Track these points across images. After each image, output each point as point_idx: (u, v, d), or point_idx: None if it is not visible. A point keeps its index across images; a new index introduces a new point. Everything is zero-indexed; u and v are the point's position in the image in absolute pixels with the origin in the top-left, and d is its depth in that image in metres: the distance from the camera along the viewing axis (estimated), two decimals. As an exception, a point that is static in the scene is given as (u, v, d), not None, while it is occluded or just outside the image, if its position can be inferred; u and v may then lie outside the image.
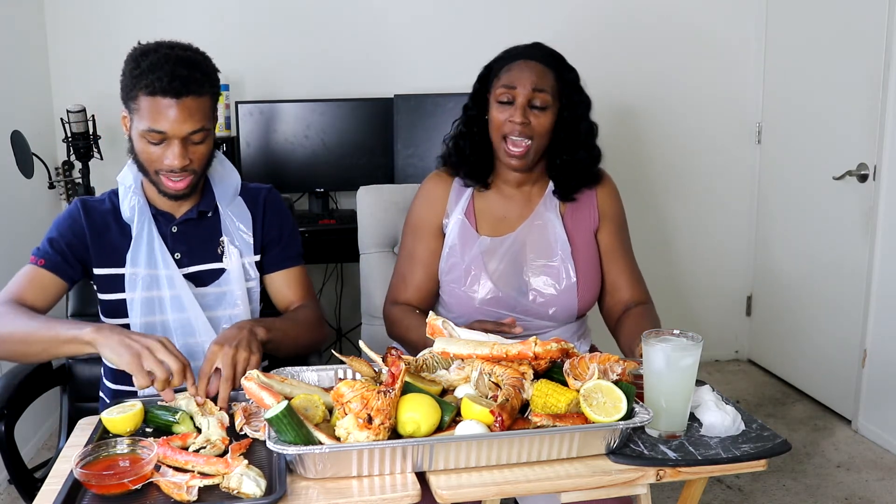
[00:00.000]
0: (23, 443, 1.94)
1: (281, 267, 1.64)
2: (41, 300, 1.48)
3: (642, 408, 1.22)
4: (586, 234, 1.72)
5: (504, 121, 1.61)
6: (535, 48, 1.67)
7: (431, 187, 1.76)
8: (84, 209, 1.54)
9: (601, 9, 3.32)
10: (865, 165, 2.83)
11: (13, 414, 1.54)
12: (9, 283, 1.48)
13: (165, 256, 1.53)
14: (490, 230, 1.71)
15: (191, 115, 1.41)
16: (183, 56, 1.43)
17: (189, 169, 1.46)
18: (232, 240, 1.59)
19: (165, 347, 1.28)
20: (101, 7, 3.01)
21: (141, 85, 1.40)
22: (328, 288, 3.29)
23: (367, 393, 1.12)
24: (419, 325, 1.55)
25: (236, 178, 1.63)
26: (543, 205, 1.71)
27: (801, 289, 3.27)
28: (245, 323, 1.43)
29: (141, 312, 1.52)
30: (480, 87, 1.70)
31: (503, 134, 1.62)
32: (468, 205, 1.72)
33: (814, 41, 3.12)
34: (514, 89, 1.60)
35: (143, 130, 1.42)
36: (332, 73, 3.18)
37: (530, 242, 1.69)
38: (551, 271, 1.67)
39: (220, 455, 1.16)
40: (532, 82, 1.60)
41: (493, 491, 1.13)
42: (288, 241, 1.65)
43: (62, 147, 2.83)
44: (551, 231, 1.69)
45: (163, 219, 1.55)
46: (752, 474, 2.55)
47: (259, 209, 1.63)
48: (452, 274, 1.69)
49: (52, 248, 1.51)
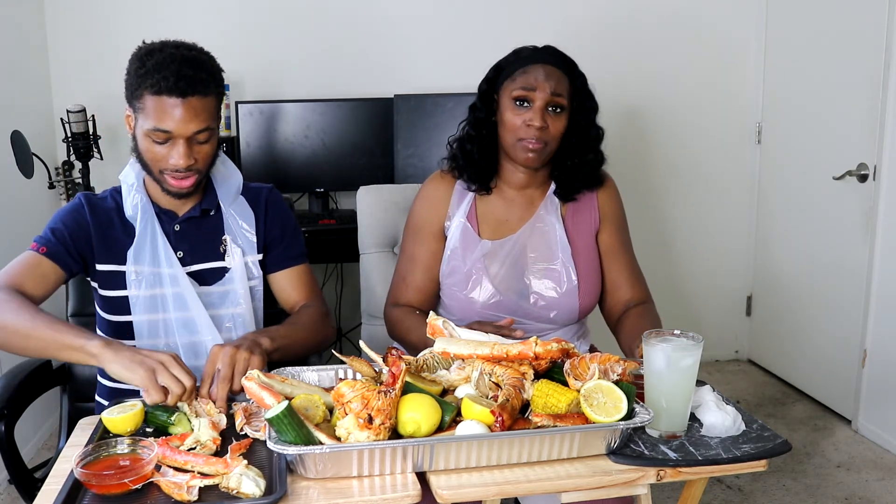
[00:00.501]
0: (23, 443, 1.94)
1: (284, 266, 1.64)
2: (40, 288, 1.45)
3: (643, 408, 1.22)
4: (587, 237, 1.72)
5: (520, 124, 1.60)
6: (551, 52, 1.65)
7: (433, 189, 1.75)
8: (88, 204, 1.54)
9: (601, 9, 3.32)
10: (865, 165, 2.83)
11: (13, 414, 1.54)
12: (6, 267, 1.45)
13: (169, 254, 1.52)
14: (491, 233, 1.70)
15: (196, 115, 1.42)
16: (188, 56, 1.43)
17: (193, 168, 1.46)
18: (234, 238, 1.58)
19: (178, 363, 1.28)
20: (101, 7, 3.01)
21: (146, 84, 1.40)
22: (328, 288, 3.29)
23: (367, 393, 1.12)
24: (419, 325, 1.55)
25: (238, 177, 1.63)
26: (544, 207, 1.70)
27: (801, 289, 3.27)
28: (250, 334, 1.43)
29: (143, 310, 1.52)
30: (488, 88, 1.69)
31: (518, 137, 1.61)
32: (470, 208, 1.71)
33: (814, 41, 3.12)
34: (532, 91, 1.59)
35: (149, 130, 1.42)
36: (332, 73, 3.18)
37: (531, 245, 1.69)
38: (552, 274, 1.67)
39: (214, 455, 1.16)
40: (551, 86, 1.59)
41: (494, 491, 1.13)
42: (290, 240, 1.65)
43: (62, 147, 2.83)
44: (552, 234, 1.69)
45: (166, 217, 1.55)
46: (752, 474, 2.55)
47: (261, 208, 1.63)
48: (453, 277, 1.69)
49: (55, 237, 1.49)
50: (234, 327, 1.56)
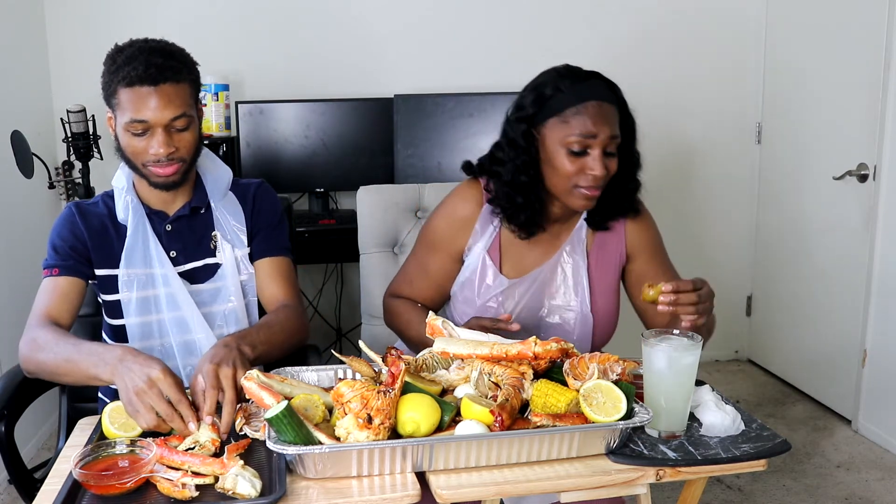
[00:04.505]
0: (23, 443, 1.94)
1: (266, 255, 1.62)
2: (67, 310, 1.48)
3: (642, 408, 1.22)
4: (610, 274, 1.63)
5: (576, 170, 1.46)
6: (601, 81, 1.51)
7: (460, 208, 1.63)
8: (79, 212, 1.55)
9: (601, 9, 3.32)
10: (865, 165, 2.83)
11: (13, 414, 1.54)
12: (34, 303, 1.48)
13: (161, 255, 1.53)
14: (511, 268, 1.61)
15: (170, 101, 1.42)
16: (157, 46, 1.45)
17: (176, 157, 1.46)
18: (224, 234, 1.59)
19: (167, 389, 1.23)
20: (101, 7, 3.01)
21: (118, 78, 1.41)
22: (328, 288, 3.29)
23: (366, 393, 1.12)
24: (420, 321, 1.51)
25: (227, 172, 1.63)
26: (570, 243, 1.61)
27: (801, 289, 3.27)
28: (231, 341, 1.37)
29: (136, 312, 1.52)
30: (528, 122, 1.51)
31: (574, 184, 1.48)
32: (493, 240, 1.61)
33: (814, 41, 3.12)
34: (593, 139, 1.45)
35: (126, 123, 1.43)
36: (333, 73, 3.18)
37: (551, 285, 1.61)
38: (568, 314, 1.61)
39: (212, 456, 1.16)
40: (611, 129, 1.46)
41: (493, 491, 1.13)
42: (274, 230, 1.64)
43: (62, 147, 2.82)
44: (574, 273, 1.61)
45: (157, 218, 1.56)
46: (752, 474, 2.55)
47: (249, 202, 1.63)
48: (465, 304, 1.63)
49: (59, 254, 1.51)
50: (227, 324, 1.56)
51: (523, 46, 3.23)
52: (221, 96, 2.95)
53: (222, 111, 2.97)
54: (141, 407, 1.21)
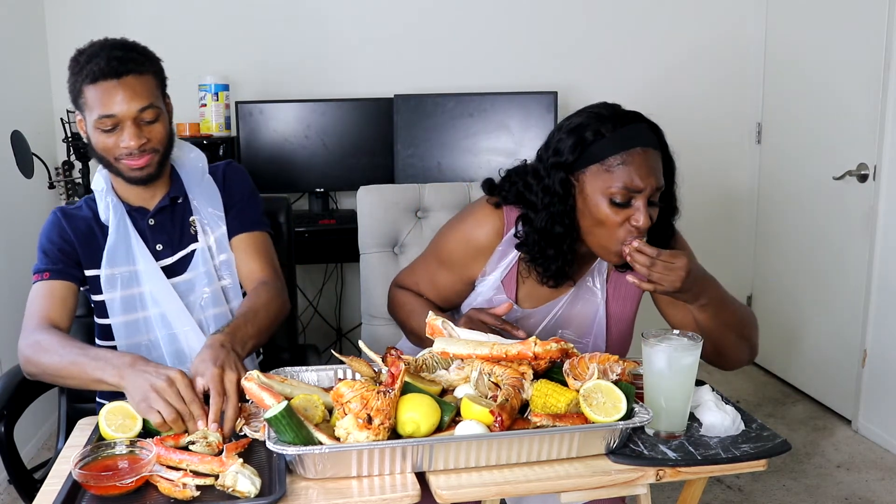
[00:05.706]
0: (23, 443, 1.94)
1: (240, 230, 1.62)
2: (63, 313, 1.48)
3: (642, 408, 1.22)
4: (628, 305, 1.58)
5: (619, 221, 1.37)
6: (646, 128, 1.42)
7: (477, 234, 1.54)
8: (64, 216, 1.56)
9: (601, 9, 3.32)
10: (865, 165, 2.83)
11: (13, 414, 1.54)
12: (27, 309, 1.48)
13: (143, 251, 1.54)
14: (527, 297, 1.55)
15: (135, 93, 1.43)
16: (117, 42, 1.48)
17: (148, 148, 1.47)
18: (201, 218, 1.59)
19: (178, 389, 1.25)
20: (101, 7, 3.01)
21: (82, 77, 1.44)
22: (328, 288, 3.29)
23: (366, 393, 1.12)
24: (423, 313, 1.47)
25: (200, 156, 1.64)
26: (591, 276, 1.54)
27: (801, 289, 3.27)
28: (226, 341, 1.35)
29: (121, 311, 1.53)
30: (565, 167, 1.40)
31: (613, 235, 1.38)
32: (510, 269, 1.53)
33: (814, 41, 3.12)
34: (639, 192, 1.36)
35: (95, 120, 1.44)
36: (333, 74, 3.18)
37: (566, 319, 1.55)
38: (582, 348, 1.51)
39: (216, 455, 1.16)
40: (657, 182, 1.38)
41: (493, 491, 1.13)
42: (246, 205, 1.64)
43: (62, 147, 2.83)
44: (591, 308, 1.54)
45: (138, 214, 1.57)
46: (752, 474, 2.55)
47: (220, 180, 1.64)
48: None
49: (49, 258, 1.52)
50: (204, 307, 1.56)
51: (523, 46, 3.21)
52: (221, 96, 2.95)
53: (222, 111, 2.96)
54: (159, 403, 1.22)
